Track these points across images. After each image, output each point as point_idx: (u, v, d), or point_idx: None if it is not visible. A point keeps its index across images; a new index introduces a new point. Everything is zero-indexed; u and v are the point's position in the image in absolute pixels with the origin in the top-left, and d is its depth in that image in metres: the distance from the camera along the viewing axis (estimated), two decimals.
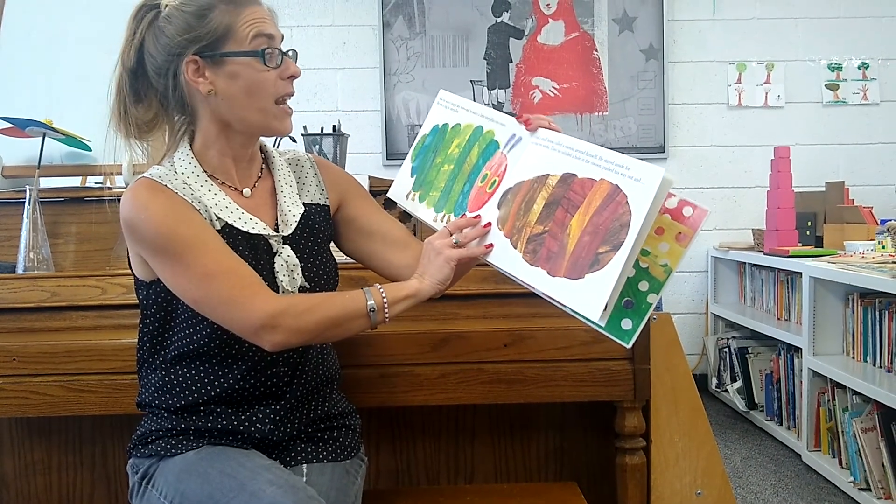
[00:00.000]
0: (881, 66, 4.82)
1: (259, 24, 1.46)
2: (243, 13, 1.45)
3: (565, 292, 1.38)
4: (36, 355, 1.77)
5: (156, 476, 1.48)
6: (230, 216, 1.49)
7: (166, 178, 1.45)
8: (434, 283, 1.49)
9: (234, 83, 1.45)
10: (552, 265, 1.41)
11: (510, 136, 1.58)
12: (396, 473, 2.09)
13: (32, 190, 2.12)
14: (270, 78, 1.47)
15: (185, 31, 1.44)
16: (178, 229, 1.40)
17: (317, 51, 4.71)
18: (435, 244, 1.51)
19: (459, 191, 1.61)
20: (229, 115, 1.48)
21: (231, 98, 1.46)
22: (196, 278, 1.39)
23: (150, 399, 1.53)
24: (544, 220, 1.44)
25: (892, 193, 4.56)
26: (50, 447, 2.07)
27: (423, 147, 1.71)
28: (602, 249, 1.35)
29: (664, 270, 1.41)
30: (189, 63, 1.45)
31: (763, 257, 4.08)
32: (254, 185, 1.57)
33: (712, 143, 4.83)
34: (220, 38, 1.44)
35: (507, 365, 1.78)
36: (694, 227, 1.40)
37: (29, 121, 2.18)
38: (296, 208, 1.58)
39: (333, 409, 1.63)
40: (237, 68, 1.45)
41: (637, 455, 1.83)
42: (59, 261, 2.19)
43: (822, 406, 3.47)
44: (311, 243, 1.58)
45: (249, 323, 1.38)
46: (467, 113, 1.67)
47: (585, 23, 4.77)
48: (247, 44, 1.45)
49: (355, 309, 1.44)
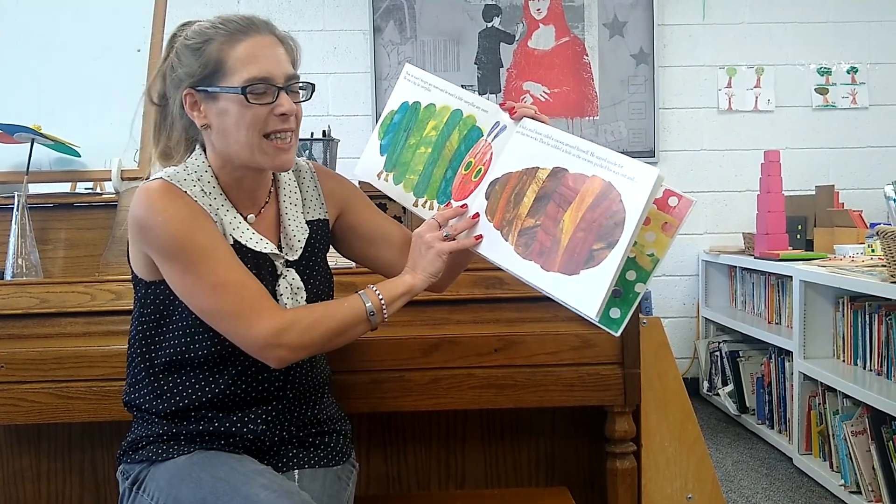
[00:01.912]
0: (870, 70, 4.84)
1: (252, 60, 1.43)
2: (237, 47, 1.43)
3: (561, 288, 1.40)
4: (24, 362, 1.76)
5: (147, 481, 1.48)
6: (241, 235, 1.49)
7: (185, 183, 1.45)
8: (427, 276, 1.50)
9: (224, 118, 1.45)
10: (546, 260, 1.42)
11: (494, 123, 1.58)
12: (387, 479, 2.09)
13: (21, 196, 2.11)
14: (260, 114, 1.43)
15: (184, 63, 1.45)
16: (193, 237, 1.40)
17: (307, 56, 4.66)
18: (425, 237, 1.51)
19: (441, 177, 1.61)
20: (224, 149, 1.48)
21: (222, 132, 1.46)
22: (207, 288, 1.40)
23: (139, 402, 1.52)
24: (535, 213, 1.45)
25: (881, 197, 4.56)
26: (39, 454, 2.06)
27: (392, 124, 1.70)
28: (597, 246, 1.36)
29: (651, 260, 1.43)
30: (186, 96, 1.46)
31: (753, 261, 4.09)
32: (259, 212, 1.56)
33: (703, 148, 4.84)
34: (211, 73, 1.44)
35: (497, 370, 1.77)
36: (679, 216, 1.41)
37: (17, 126, 2.16)
38: (301, 233, 1.58)
39: (324, 414, 1.63)
40: (226, 104, 1.44)
41: (627, 460, 1.83)
42: (47, 267, 2.18)
43: (812, 409, 3.47)
44: (314, 263, 1.59)
45: (254, 340, 1.40)
46: (441, 93, 1.66)
47: (576, 27, 4.78)
48: (236, 79, 1.43)
49: (356, 316, 1.46)
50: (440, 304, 1.88)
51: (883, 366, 3.06)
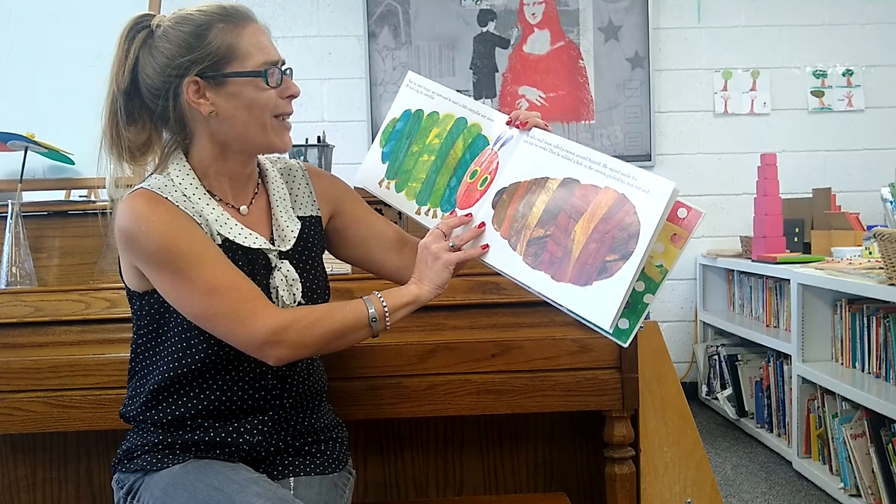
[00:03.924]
0: (865, 72, 4.84)
1: (261, 44, 1.47)
2: (244, 32, 1.45)
3: (572, 298, 1.39)
4: (19, 371, 1.75)
5: (141, 491, 1.47)
6: (230, 231, 1.48)
7: (165, 190, 1.44)
8: (433, 287, 1.50)
9: (235, 102, 1.45)
10: (556, 270, 1.41)
11: (500, 132, 1.57)
12: (385, 486, 2.08)
13: (15, 204, 2.11)
14: (271, 97, 1.47)
15: (185, 51, 1.43)
16: (180, 243, 1.39)
17: (302, 61, 4.70)
18: (432, 249, 1.51)
19: (445, 185, 1.60)
20: (229, 135, 1.47)
21: (232, 118, 1.46)
22: (199, 293, 1.39)
23: (135, 413, 1.52)
24: (546, 223, 1.45)
25: (878, 199, 4.57)
26: (34, 463, 2.05)
27: (394, 132, 1.69)
28: (610, 258, 1.36)
29: (660, 271, 1.43)
30: (190, 84, 1.44)
31: (751, 264, 4.08)
32: (250, 203, 1.56)
33: (699, 151, 4.84)
34: (222, 59, 1.43)
35: (494, 375, 1.77)
36: (689, 228, 1.41)
37: (11, 134, 2.16)
38: (293, 224, 1.57)
39: (321, 422, 1.62)
40: (238, 88, 1.44)
41: (626, 464, 1.82)
42: (42, 275, 2.17)
43: (811, 413, 3.47)
44: (307, 257, 1.58)
45: (253, 339, 1.39)
46: (444, 101, 1.65)
47: (571, 32, 4.78)
48: (250, 64, 1.44)
49: (357, 320, 1.45)
50: (437, 309, 1.88)
51: (881, 368, 3.05)
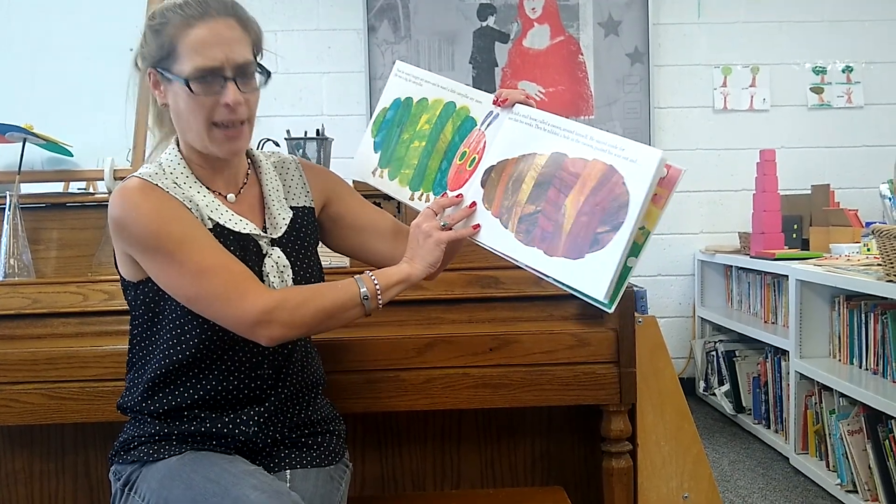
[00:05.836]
0: (865, 69, 4.84)
1: (203, 47, 1.41)
2: (191, 33, 1.41)
3: (566, 272, 1.39)
4: (16, 363, 1.75)
5: (138, 482, 1.47)
6: (221, 217, 1.49)
7: (156, 178, 1.45)
8: (424, 266, 1.50)
9: (177, 102, 1.46)
10: (548, 245, 1.41)
11: (487, 112, 1.58)
12: (382, 480, 2.08)
13: (13, 195, 2.10)
14: (203, 103, 1.43)
15: (146, 40, 1.46)
16: (169, 227, 1.40)
17: (301, 55, 4.70)
18: (423, 227, 1.51)
19: (436, 168, 1.61)
20: (181, 131, 1.49)
21: (177, 115, 1.48)
22: (189, 275, 1.39)
23: (133, 404, 1.52)
24: (536, 199, 1.45)
25: (877, 196, 4.57)
26: (31, 455, 2.05)
27: (384, 121, 1.70)
28: (601, 229, 1.36)
29: (642, 233, 1.41)
30: (150, 74, 1.47)
31: (749, 260, 4.08)
32: (239, 191, 1.56)
33: (698, 147, 4.83)
34: (166, 56, 1.44)
35: (492, 369, 1.77)
36: (669, 186, 1.39)
37: (9, 126, 2.16)
38: (284, 212, 1.58)
39: (318, 414, 1.62)
40: (176, 89, 1.44)
41: (623, 459, 1.83)
42: (39, 267, 2.17)
43: (809, 409, 3.47)
44: (300, 246, 1.58)
45: (244, 319, 1.39)
46: (433, 87, 1.66)
47: (571, 27, 4.78)
48: (184, 67, 1.41)
49: (349, 298, 1.45)
50: (435, 303, 1.88)
51: (879, 364, 3.05)
